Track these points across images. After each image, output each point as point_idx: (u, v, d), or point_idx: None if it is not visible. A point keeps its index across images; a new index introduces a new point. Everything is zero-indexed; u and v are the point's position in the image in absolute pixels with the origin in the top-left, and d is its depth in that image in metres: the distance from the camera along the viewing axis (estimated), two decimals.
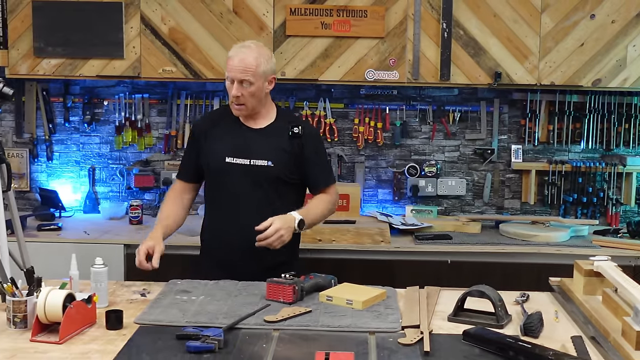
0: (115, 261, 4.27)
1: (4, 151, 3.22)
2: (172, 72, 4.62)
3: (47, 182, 5.16)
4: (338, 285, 3.08)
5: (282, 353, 2.42)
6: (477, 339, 2.50)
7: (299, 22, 4.57)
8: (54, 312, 2.56)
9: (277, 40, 4.59)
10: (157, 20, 4.60)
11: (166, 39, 4.60)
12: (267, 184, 3.38)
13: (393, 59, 4.59)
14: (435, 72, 4.60)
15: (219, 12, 4.58)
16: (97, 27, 4.59)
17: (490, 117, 5.05)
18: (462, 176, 5.10)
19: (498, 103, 5.03)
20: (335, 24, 4.58)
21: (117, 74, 4.66)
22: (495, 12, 4.56)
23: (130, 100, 5.07)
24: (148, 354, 2.41)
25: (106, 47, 4.61)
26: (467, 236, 4.57)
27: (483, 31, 4.58)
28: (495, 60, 4.59)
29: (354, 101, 5.06)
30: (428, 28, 4.59)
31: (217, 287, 3.13)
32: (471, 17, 4.57)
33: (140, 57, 4.62)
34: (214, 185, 3.48)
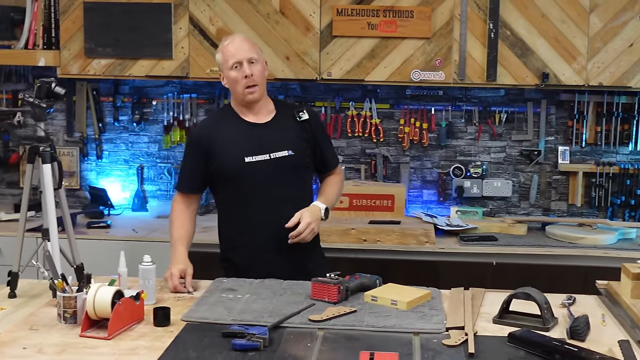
0: (162, 259, 4.27)
1: (55, 150, 3.27)
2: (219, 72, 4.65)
3: (97, 181, 5.25)
4: (383, 286, 3.08)
5: (327, 352, 2.43)
6: (523, 342, 2.48)
7: (345, 23, 4.59)
8: (103, 308, 2.59)
9: (324, 41, 4.61)
10: (205, 21, 4.64)
11: (214, 39, 4.65)
12: (290, 174, 3.39)
13: (439, 60, 4.59)
14: (481, 73, 4.58)
15: (265, 13, 4.61)
16: (147, 28, 4.65)
17: (537, 118, 5.01)
18: (508, 177, 5.07)
19: (545, 104, 4.99)
20: (382, 24, 4.58)
21: (165, 74, 4.72)
22: (543, 12, 4.53)
23: (179, 100, 5.13)
24: (194, 351, 2.43)
25: (155, 48, 4.67)
26: (513, 238, 4.55)
27: (530, 31, 4.55)
28: (543, 61, 4.56)
29: (400, 102, 5.06)
30: (474, 28, 4.57)
31: (262, 285, 3.15)
32: (518, 17, 4.54)
33: (188, 58, 4.67)
34: (232, 189, 3.42)
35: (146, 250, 3.25)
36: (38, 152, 3.19)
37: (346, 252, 4.29)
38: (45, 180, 3.19)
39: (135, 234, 4.54)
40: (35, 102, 3.22)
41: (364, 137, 5.09)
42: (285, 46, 4.62)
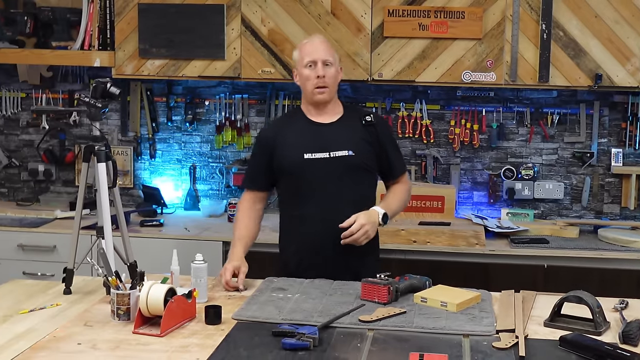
0: (214, 257, 4.34)
1: (110, 149, 3.31)
2: (270, 72, 4.70)
3: (150, 180, 5.31)
4: (432, 287, 3.09)
5: (376, 353, 2.45)
6: (574, 346, 2.47)
7: (396, 24, 4.58)
8: (156, 305, 2.63)
9: (375, 42, 4.61)
10: (257, 22, 4.68)
11: (265, 40, 4.68)
12: (349, 175, 3.41)
13: (490, 61, 4.56)
14: (533, 74, 4.54)
15: (317, 14, 4.63)
16: (200, 29, 4.69)
17: (590, 119, 4.95)
18: (560, 179, 5.02)
19: (598, 106, 4.93)
20: (433, 25, 4.57)
21: (218, 74, 4.76)
22: (597, 12, 4.47)
23: (230, 101, 5.17)
24: (245, 349, 2.45)
25: (208, 49, 4.71)
26: (565, 241, 4.50)
27: (583, 32, 4.50)
28: (596, 62, 4.50)
29: (450, 103, 5.05)
30: (527, 29, 4.54)
31: (312, 285, 3.17)
32: (571, 17, 4.50)
33: (240, 58, 4.71)
34: (291, 186, 3.48)
35: (198, 249, 3.30)
36: (93, 151, 3.24)
37: (396, 253, 4.29)
38: (100, 178, 3.23)
39: (187, 233, 4.59)
40: (90, 102, 3.27)
41: (414, 138, 5.08)
42: (336, 47, 4.61)
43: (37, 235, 4.60)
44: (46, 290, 3.15)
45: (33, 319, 2.77)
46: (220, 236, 4.53)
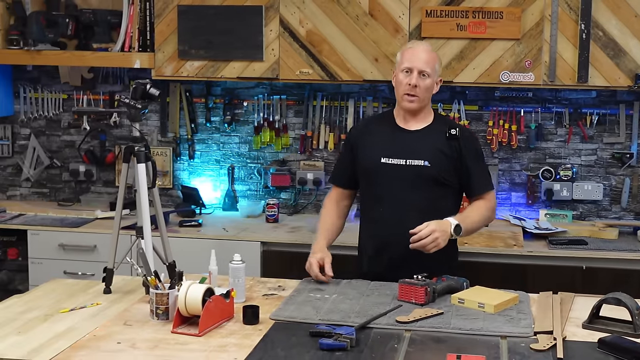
0: (252, 258, 4.38)
1: (149, 149, 3.35)
2: (308, 74, 4.71)
3: (189, 180, 5.35)
4: (470, 288, 3.09)
5: (414, 354, 2.45)
6: (613, 348, 2.46)
7: (434, 24, 4.57)
8: (194, 305, 2.66)
9: None
10: (295, 23, 4.70)
11: (303, 41, 4.69)
12: (424, 185, 3.38)
13: (529, 61, 4.54)
14: (572, 74, 4.51)
15: (355, 15, 4.64)
16: (239, 30, 4.72)
17: (630, 120, 4.90)
18: (599, 180, 4.97)
19: (638, 106, 4.87)
20: (471, 25, 4.55)
21: (256, 75, 4.78)
22: (637, 12, 4.42)
23: (269, 102, 5.19)
24: (282, 349, 2.48)
25: (246, 50, 4.73)
26: (604, 242, 4.46)
27: (623, 32, 4.46)
28: (636, 62, 4.45)
29: (488, 103, 5.03)
30: (565, 29, 4.50)
31: (349, 286, 3.18)
32: (611, 17, 4.46)
33: (278, 59, 4.73)
34: (368, 187, 3.52)
35: (236, 249, 3.32)
36: (133, 152, 3.28)
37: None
38: (139, 179, 3.28)
39: (225, 233, 4.61)
40: (130, 103, 3.32)
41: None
42: (374, 48, 4.63)
43: (77, 235, 4.66)
44: (86, 290, 3.20)
45: (73, 318, 2.81)
46: (258, 236, 4.55)
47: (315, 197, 5.22)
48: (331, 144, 5.13)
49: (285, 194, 5.26)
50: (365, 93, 5.11)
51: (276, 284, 3.27)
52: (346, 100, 5.13)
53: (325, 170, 5.16)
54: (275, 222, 4.91)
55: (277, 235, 4.60)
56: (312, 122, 5.17)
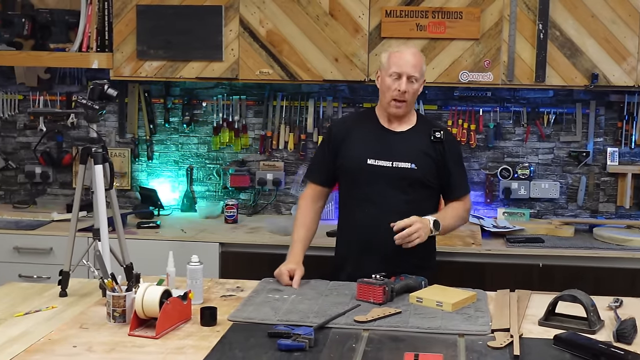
0: (210, 259, 4.35)
1: (107, 151, 3.31)
2: (268, 74, 4.70)
3: (147, 181, 5.31)
4: (428, 287, 3.10)
5: (372, 353, 2.45)
6: (569, 344, 2.48)
7: (394, 24, 4.58)
8: (152, 307, 2.64)
9: (372, 42, 4.61)
10: (255, 23, 4.68)
11: (263, 41, 4.68)
12: (409, 187, 3.41)
13: (488, 61, 4.57)
14: (530, 74, 4.55)
15: (315, 15, 4.63)
16: (198, 30, 4.69)
17: (586, 119, 4.96)
18: (555, 179, 5.02)
19: (594, 105, 4.93)
20: (431, 25, 4.57)
21: (215, 75, 4.75)
22: (593, 12, 4.48)
23: (228, 102, 5.18)
24: (240, 350, 2.46)
25: (206, 50, 4.71)
26: (560, 240, 4.50)
27: (580, 32, 4.50)
28: (592, 62, 4.51)
29: (448, 103, 5.05)
30: (524, 29, 4.54)
31: (308, 286, 3.18)
32: (568, 17, 4.50)
33: (238, 60, 4.70)
34: (351, 188, 3.48)
35: (194, 251, 3.30)
36: (90, 153, 3.25)
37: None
38: (97, 180, 3.24)
39: (184, 234, 4.57)
40: (88, 104, 3.28)
41: None
42: (334, 48, 4.63)
43: (33, 238, 4.58)
44: (42, 293, 3.15)
45: (28, 322, 2.77)
46: (217, 237, 4.52)
47: (275, 198, 5.21)
48: (291, 144, 5.12)
49: (245, 194, 5.25)
50: (325, 93, 5.11)
51: (234, 285, 3.25)
52: (306, 100, 5.12)
53: (285, 170, 5.16)
54: (234, 223, 4.88)
55: (236, 236, 4.58)
56: (272, 123, 5.16)
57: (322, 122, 5.10)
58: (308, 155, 5.14)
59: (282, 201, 5.24)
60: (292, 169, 5.18)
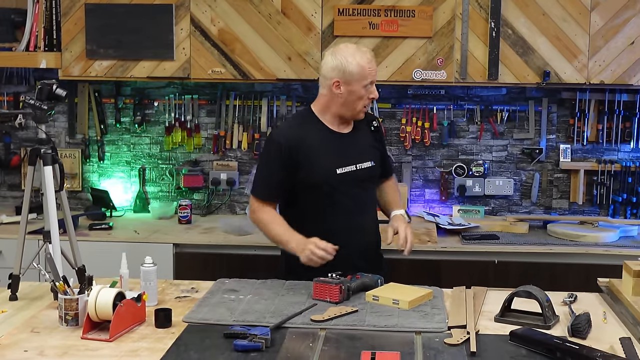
0: (164, 260, 4.31)
1: (56, 152, 3.27)
2: (221, 73, 4.66)
3: (99, 182, 5.25)
4: (384, 285, 3.09)
5: (329, 352, 2.44)
6: (524, 340, 2.49)
7: (346, 23, 4.58)
8: (105, 310, 2.60)
9: (325, 41, 4.60)
10: (206, 22, 4.64)
11: (215, 40, 4.65)
12: (370, 184, 3.49)
13: (441, 59, 4.58)
14: (483, 72, 4.57)
15: (267, 13, 4.61)
16: (148, 29, 4.64)
17: (539, 116, 5.00)
18: (509, 176, 5.06)
19: (546, 102, 4.98)
20: (383, 24, 4.57)
21: (167, 75, 4.71)
22: (544, 10, 4.52)
23: (180, 101, 5.13)
24: (196, 352, 2.43)
25: (157, 49, 4.66)
26: (515, 236, 4.54)
27: (532, 30, 4.54)
28: (544, 60, 4.55)
29: (402, 101, 5.06)
30: (476, 27, 4.57)
31: (264, 286, 3.16)
32: (519, 15, 4.54)
33: (190, 59, 4.67)
34: (319, 199, 3.33)
35: (148, 252, 3.24)
36: (39, 154, 3.20)
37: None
38: (46, 182, 3.20)
39: (137, 236, 4.52)
40: (36, 104, 3.22)
41: None
42: (287, 46, 4.61)
43: None
44: None
45: None
46: (171, 238, 4.48)
47: (228, 198, 5.18)
48: (245, 144, 5.09)
49: (198, 194, 5.20)
50: (278, 92, 5.09)
51: (189, 286, 3.21)
52: (259, 99, 5.10)
53: (239, 170, 5.13)
54: (188, 223, 4.85)
55: (190, 236, 4.54)
56: (225, 122, 5.13)
57: (276, 121, 5.08)
58: None
59: (237, 201, 5.20)
60: (246, 168, 5.15)
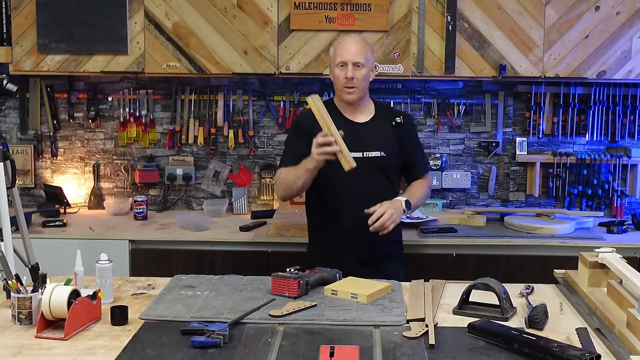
0: (120, 257, 4.27)
1: (8, 148, 3.24)
2: (176, 67, 4.62)
3: (52, 179, 5.17)
4: (343, 279, 3.08)
5: (287, 347, 2.42)
6: (482, 332, 2.50)
7: (303, 16, 4.56)
8: (59, 308, 2.56)
9: (282, 35, 4.58)
10: (161, 16, 4.59)
11: (170, 34, 4.60)
12: (380, 174, 3.54)
13: (397, 53, 4.58)
14: (439, 66, 4.58)
15: (222, 7, 4.57)
16: (101, 23, 4.58)
17: (495, 109, 5.04)
18: (467, 169, 5.09)
19: (503, 96, 5.02)
20: (340, 17, 4.56)
21: (121, 69, 4.65)
22: (500, 4, 4.55)
23: (135, 96, 5.07)
24: (153, 349, 2.40)
25: (110, 43, 4.60)
26: (472, 229, 4.56)
27: (487, 24, 4.57)
28: (500, 53, 4.58)
29: None
30: (432, 21, 4.58)
31: (222, 282, 3.13)
32: (475, 9, 4.56)
33: (144, 53, 4.61)
34: (324, 180, 3.46)
35: (103, 249, 3.21)
36: None
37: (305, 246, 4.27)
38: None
39: (91, 232, 4.47)
40: None
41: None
42: (243, 40, 4.58)
43: None
44: None
45: None
46: (126, 235, 4.43)
47: (185, 193, 5.14)
48: (201, 139, 5.05)
49: (154, 190, 5.16)
50: (235, 86, 5.06)
51: (146, 283, 3.18)
52: (215, 93, 5.06)
53: (195, 165, 5.10)
54: (143, 219, 4.81)
55: (146, 232, 4.50)
56: (181, 117, 5.08)
57: (232, 116, 5.05)
58: (219, 149, 5.09)
59: (193, 196, 5.16)
60: (203, 163, 5.11)
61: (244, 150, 5.12)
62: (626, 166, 4.99)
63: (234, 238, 4.39)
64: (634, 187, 4.98)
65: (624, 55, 4.57)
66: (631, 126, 4.98)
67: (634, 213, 4.73)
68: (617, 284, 2.75)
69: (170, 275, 3.25)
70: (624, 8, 4.54)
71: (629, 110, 4.95)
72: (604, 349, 2.42)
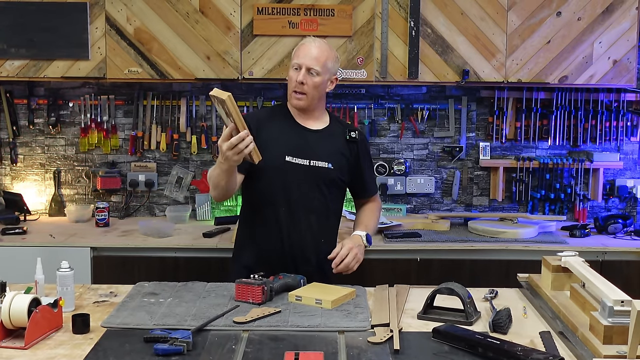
0: (81, 264, 4.22)
1: None
2: (138, 72, 4.58)
3: (12, 186, 5.10)
4: (307, 285, 3.07)
5: (252, 354, 2.41)
6: (447, 336, 2.51)
7: (266, 22, 4.55)
8: (19, 317, 2.52)
9: (245, 40, 4.56)
10: (122, 21, 4.55)
11: (132, 39, 4.56)
12: (324, 186, 3.36)
13: (361, 58, 4.59)
14: (403, 71, 4.60)
15: (185, 12, 4.54)
16: (62, 28, 4.54)
17: (459, 114, 5.06)
18: (430, 174, 5.11)
19: (466, 101, 5.05)
20: (303, 23, 4.56)
21: (82, 75, 4.60)
22: (463, 10, 4.57)
23: (96, 102, 5.02)
24: (115, 357, 2.38)
25: (71, 48, 4.55)
26: (436, 234, 4.57)
27: (450, 29, 4.59)
28: (463, 58, 4.60)
29: None
30: (396, 26, 4.59)
31: (185, 288, 3.10)
32: (438, 15, 4.58)
33: (105, 58, 4.57)
34: (266, 184, 3.33)
35: (64, 256, 3.17)
36: None
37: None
38: None
39: (52, 240, 4.41)
40: None
41: None
42: (205, 45, 4.56)
43: None
44: None
45: None
46: (88, 242, 4.39)
47: (147, 199, 5.09)
48: (163, 145, 5.02)
49: (116, 196, 5.11)
50: (197, 92, 5.03)
51: (108, 290, 3.14)
52: (178, 99, 5.03)
53: (157, 171, 5.06)
54: (105, 226, 4.76)
55: (108, 239, 4.45)
56: (143, 123, 5.04)
57: (195, 122, 5.02)
58: (181, 155, 5.05)
59: (156, 202, 5.12)
60: (165, 169, 5.08)
61: (207, 156, 5.09)
62: (588, 170, 5.05)
63: (198, 244, 4.36)
64: (596, 191, 5.04)
65: (586, 60, 4.62)
66: (593, 131, 5.03)
67: (596, 217, 4.77)
68: (580, 287, 2.77)
69: (132, 282, 3.21)
70: (585, 14, 4.59)
71: (590, 115, 5.01)
72: (568, 352, 2.44)
